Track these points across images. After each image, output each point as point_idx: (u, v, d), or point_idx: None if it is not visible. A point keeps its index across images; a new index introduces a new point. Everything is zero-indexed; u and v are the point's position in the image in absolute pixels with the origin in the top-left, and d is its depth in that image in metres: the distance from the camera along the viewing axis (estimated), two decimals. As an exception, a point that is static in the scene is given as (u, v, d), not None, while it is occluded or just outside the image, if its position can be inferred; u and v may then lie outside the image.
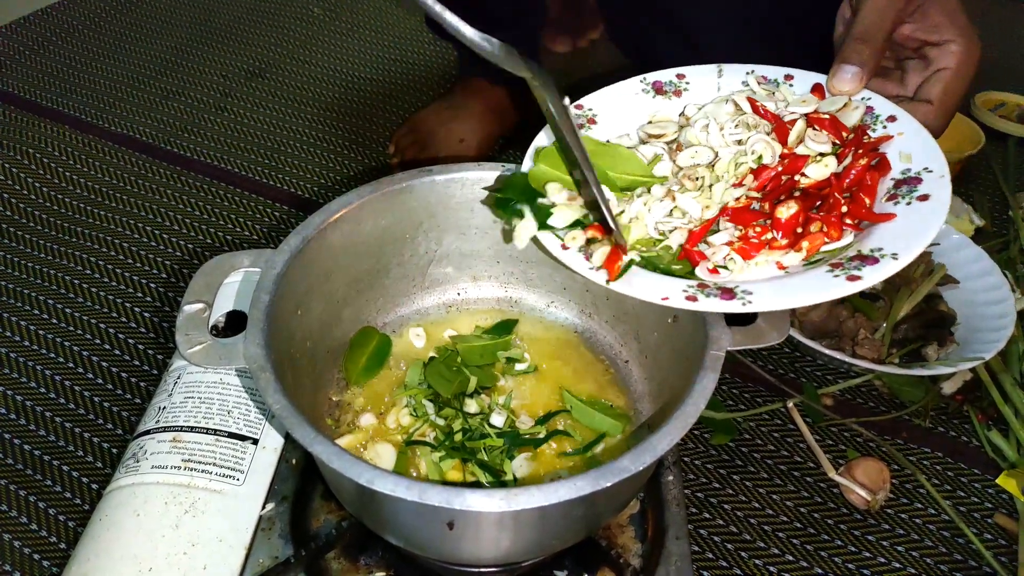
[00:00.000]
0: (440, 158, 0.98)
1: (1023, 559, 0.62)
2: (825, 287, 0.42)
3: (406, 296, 0.65)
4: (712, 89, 0.56)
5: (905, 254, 0.43)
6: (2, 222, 0.93)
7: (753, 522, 0.65)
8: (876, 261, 0.43)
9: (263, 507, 0.56)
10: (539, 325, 0.65)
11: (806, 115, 0.52)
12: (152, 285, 0.86)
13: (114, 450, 0.70)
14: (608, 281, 0.46)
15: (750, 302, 0.43)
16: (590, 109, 0.56)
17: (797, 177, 0.49)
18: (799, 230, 0.47)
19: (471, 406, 0.57)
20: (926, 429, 0.73)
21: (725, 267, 0.46)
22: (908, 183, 0.47)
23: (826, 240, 0.46)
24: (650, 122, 0.56)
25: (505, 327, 0.63)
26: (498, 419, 0.56)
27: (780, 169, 0.49)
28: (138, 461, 0.57)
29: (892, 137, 0.50)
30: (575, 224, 0.49)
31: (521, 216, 0.50)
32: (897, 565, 0.63)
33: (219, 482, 0.56)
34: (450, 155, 0.99)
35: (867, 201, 0.47)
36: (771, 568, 0.62)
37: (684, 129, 0.54)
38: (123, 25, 1.33)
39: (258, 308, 0.48)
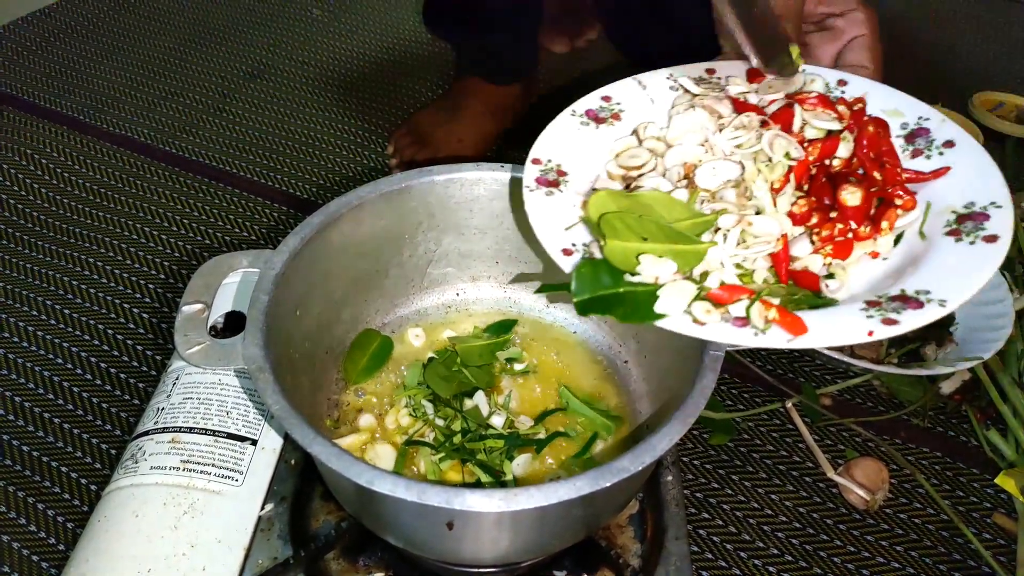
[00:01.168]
0: (438, 158, 0.98)
1: (1022, 558, 0.62)
2: (981, 257, 0.40)
3: (405, 297, 0.65)
4: (645, 103, 0.53)
5: (1002, 199, 0.41)
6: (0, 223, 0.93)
7: (752, 522, 0.65)
8: (987, 216, 0.41)
9: (262, 508, 0.56)
10: (538, 325, 0.65)
11: (790, 97, 0.49)
12: (151, 286, 0.86)
13: (112, 451, 0.70)
14: (793, 339, 0.39)
15: (944, 300, 0.39)
16: (549, 161, 0.50)
17: (828, 162, 0.46)
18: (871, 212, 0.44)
19: (482, 406, 0.56)
20: (925, 429, 0.73)
21: (831, 276, 0.43)
22: (919, 135, 0.46)
23: (900, 213, 0.43)
24: (618, 156, 0.51)
25: (503, 327, 0.63)
26: (497, 420, 0.56)
27: (813, 158, 0.46)
28: (137, 462, 0.57)
29: (864, 100, 0.48)
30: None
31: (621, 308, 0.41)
32: (896, 565, 0.63)
33: (218, 483, 0.56)
34: (448, 155, 0.99)
35: (899, 166, 0.45)
36: (770, 568, 0.62)
37: (670, 151, 0.49)
38: (121, 26, 1.33)
39: (257, 309, 0.48)
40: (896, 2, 1.40)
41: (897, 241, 0.44)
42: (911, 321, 0.38)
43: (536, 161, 0.50)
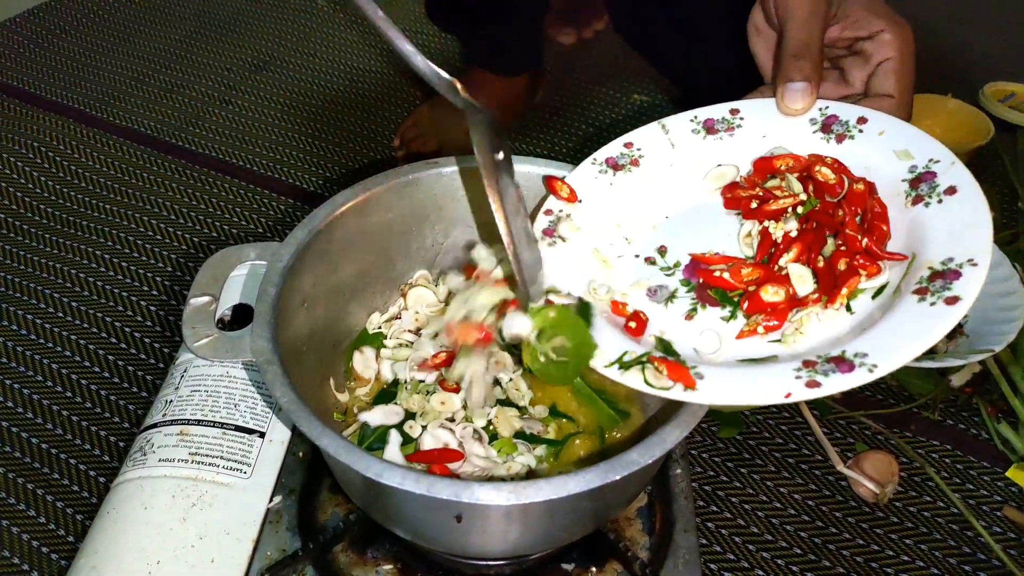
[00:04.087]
0: (445, 151, 0.98)
1: (1033, 552, 0.62)
2: (933, 321, 0.39)
3: (412, 289, 0.65)
4: (666, 147, 0.54)
5: (981, 256, 0.40)
6: (7, 216, 0.93)
7: (761, 515, 0.65)
8: (959, 274, 0.40)
9: (270, 500, 0.56)
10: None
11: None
12: (158, 279, 0.86)
13: (121, 443, 0.70)
14: (686, 390, 0.41)
15: (875, 365, 0.38)
16: (560, 211, 0.52)
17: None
18: (836, 274, 0.44)
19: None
20: (935, 422, 0.72)
21: (779, 341, 0.44)
22: (924, 180, 0.45)
23: (864, 278, 0.44)
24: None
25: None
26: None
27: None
28: (145, 454, 0.57)
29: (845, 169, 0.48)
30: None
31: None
32: (905, 558, 0.62)
33: (226, 475, 0.56)
34: (455, 147, 0.99)
35: (884, 228, 0.45)
36: (779, 561, 0.62)
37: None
38: (127, 18, 1.32)
39: (264, 301, 0.48)
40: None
41: (880, 293, 0.44)
42: (834, 385, 0.39)
43: (548, 212, 0.52)
